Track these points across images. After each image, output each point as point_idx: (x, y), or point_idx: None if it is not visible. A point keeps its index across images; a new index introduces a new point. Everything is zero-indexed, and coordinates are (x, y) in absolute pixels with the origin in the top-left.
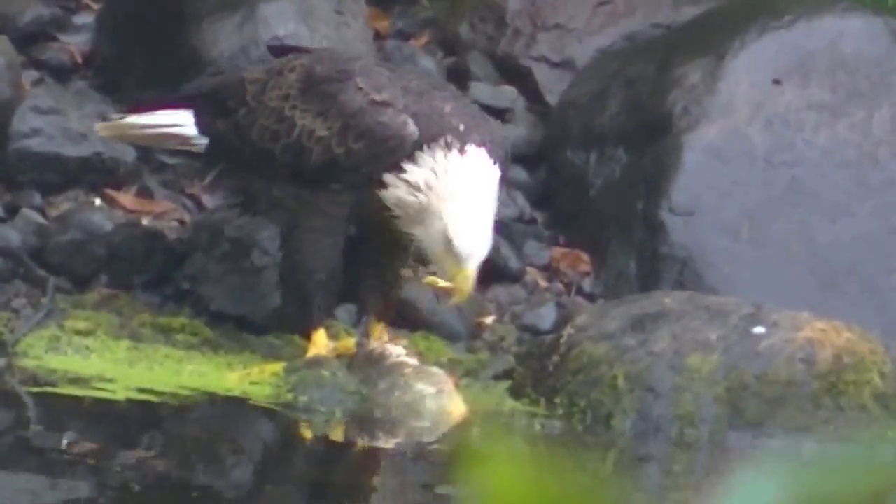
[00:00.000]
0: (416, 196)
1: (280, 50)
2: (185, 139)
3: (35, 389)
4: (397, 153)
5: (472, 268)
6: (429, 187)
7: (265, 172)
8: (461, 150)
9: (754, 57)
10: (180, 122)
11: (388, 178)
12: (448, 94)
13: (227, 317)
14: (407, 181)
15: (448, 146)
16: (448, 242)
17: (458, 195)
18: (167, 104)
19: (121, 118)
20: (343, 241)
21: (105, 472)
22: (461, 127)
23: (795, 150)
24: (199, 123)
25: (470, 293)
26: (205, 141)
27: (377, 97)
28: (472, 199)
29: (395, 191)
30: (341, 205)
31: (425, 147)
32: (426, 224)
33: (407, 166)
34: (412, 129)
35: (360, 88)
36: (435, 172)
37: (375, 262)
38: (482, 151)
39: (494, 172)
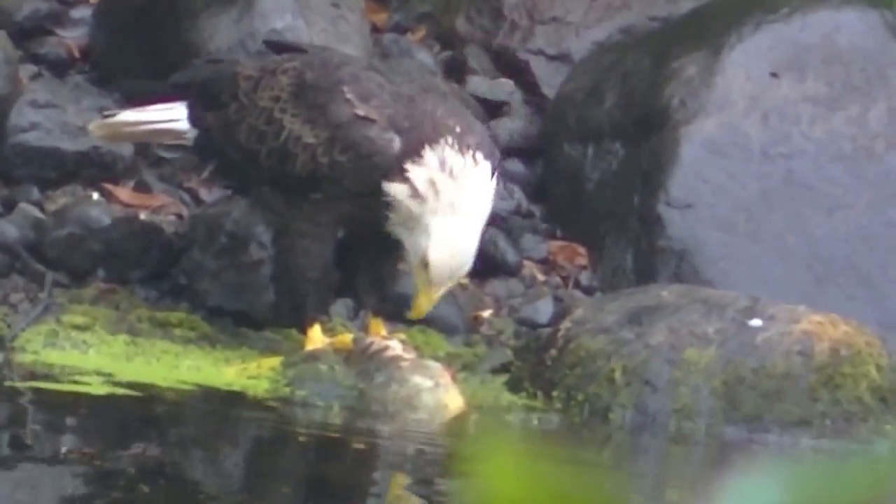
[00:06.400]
0: (415, 200)
1: (278, 46)
2: (178, 134)
3: (33, 384)
4: (380, 169)
5: (439, 293)
6: (432, 191)
7: (250, 173)
8: (462, 151)
9: (750, 50)
10: (174, 116)
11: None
12: (438, 96)
13: (224, 312)
14: (411, 182)
15: (451, 145)
16: (425, 262)
17: (453, 208)
18: (161, 95)
19: (113, 114)
20: (333, 242)
21: (103, 467)
22: (457, 129)
23: (792, 144)
24: (190, 116)
25: (425, 313)
26: (195, 134)
27: (362, 111)
28: (464, 216)
29: (399, 188)
30: (328, 212)
31: (427, 148)
32: (413, 233)
33: (410, 167)
34: (397, 145)
35: (348, 100)
36: (440, 171)
37: (370, 257)
38: (486, 164)
39: (490, 188)
